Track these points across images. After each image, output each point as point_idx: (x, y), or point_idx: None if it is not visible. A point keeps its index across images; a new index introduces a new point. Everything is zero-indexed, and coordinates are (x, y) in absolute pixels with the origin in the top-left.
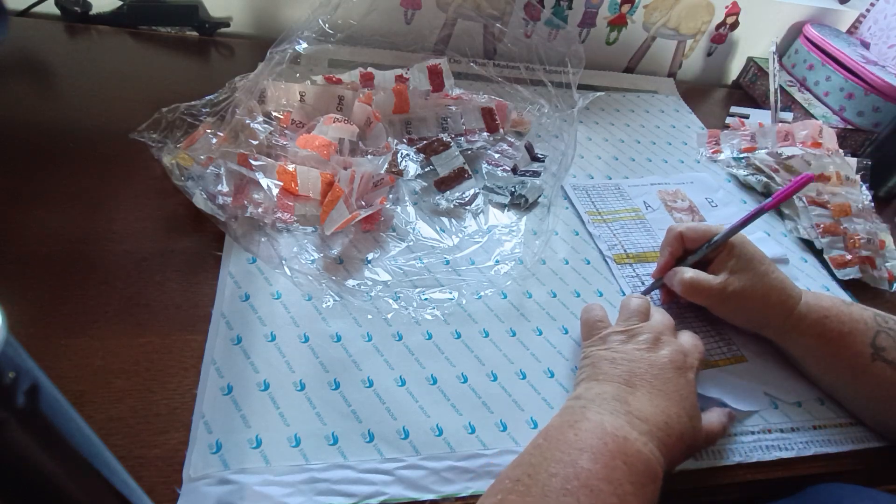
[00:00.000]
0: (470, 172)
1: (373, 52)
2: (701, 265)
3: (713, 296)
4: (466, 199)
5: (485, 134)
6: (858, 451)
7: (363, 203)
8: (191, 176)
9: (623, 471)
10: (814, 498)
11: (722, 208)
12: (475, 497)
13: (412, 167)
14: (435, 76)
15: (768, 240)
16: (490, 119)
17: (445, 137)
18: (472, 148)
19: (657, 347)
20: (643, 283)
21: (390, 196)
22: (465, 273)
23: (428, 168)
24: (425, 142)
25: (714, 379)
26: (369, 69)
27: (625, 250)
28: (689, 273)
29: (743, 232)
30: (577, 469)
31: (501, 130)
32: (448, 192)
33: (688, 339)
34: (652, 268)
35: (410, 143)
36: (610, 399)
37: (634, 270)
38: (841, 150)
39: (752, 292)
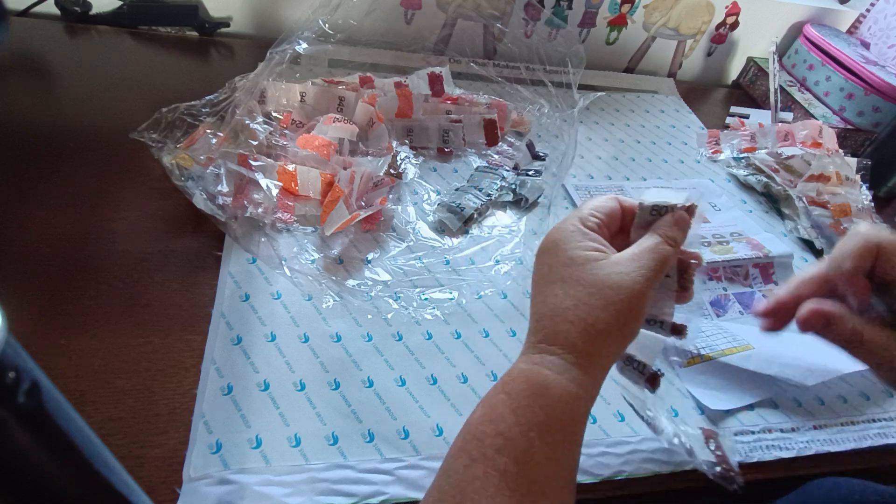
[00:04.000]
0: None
1: (373, 52)
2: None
3: None
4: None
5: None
6: (858, 450)
7: (363, 203)
8: (191, 176)
9: (504, 401)
10: (816, 488)
11: (725, 212)
12: None
13: (411, 169)
14: (435, 82)
15: (772, 237)
16: (491, 131)
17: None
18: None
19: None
20: None
21: (390, 196)
22: (465, 273)
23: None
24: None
25: (722, 367)
26: (368, 73)
27: None
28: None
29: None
30: (471, 422)
31: (501, 143)
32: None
33: None
34: None
35: (411, 149)
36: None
37: None
38: (841, 150)
39: None
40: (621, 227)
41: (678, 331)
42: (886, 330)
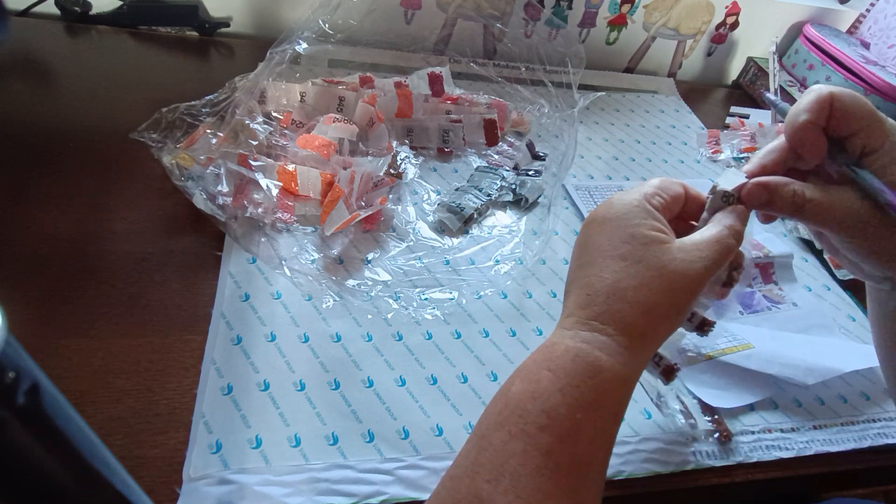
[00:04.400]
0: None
1: (373, 53)
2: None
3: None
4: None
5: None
6: (859, 450)
7: (363, 203)
8: (191, 176)
9: (550, 378)
10: None
11: None
12: None
13: (411, 169)
14: (435, 82)
15: (772, 237)
16: (491, 131)
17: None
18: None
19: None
20: None
21: (390, 196)
22: (465, 273)
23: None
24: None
25: (722, 367)
26: (368, 73)
27: None
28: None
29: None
30: (508, 396)
31: (501, 143)
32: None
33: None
34: None
35: (411, 149)
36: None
37: None
38: None
39: None
40: (679, 213)
41: (705, 326)
42: (832, 187)
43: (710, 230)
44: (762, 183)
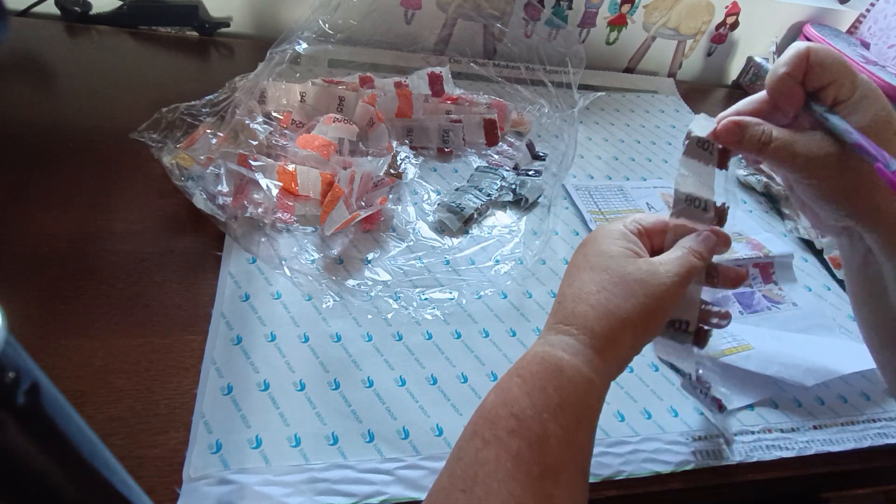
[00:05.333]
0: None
1: (373, 52)
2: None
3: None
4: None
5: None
6: (859, 450)
7: (363, 203)
8: (191, 176)
9: (518, 384)
10: None
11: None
12: None
13: (411, 169)
14: (435, 82)
15: (772, 237)
16: (491, 131)
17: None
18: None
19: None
20: None
21: (390, 196)
22: (465, 273)
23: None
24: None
25: (722, 368)
26: (368, 73)
27: None
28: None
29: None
30: (485, 406)
31: (501, 143)
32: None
33: None
34: None
35: (411, 149)
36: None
37: None
38: None
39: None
40: (662, 244)
41: (701, 337)
42: (799, 132)
43: (675, 251)
44: (736, 120)
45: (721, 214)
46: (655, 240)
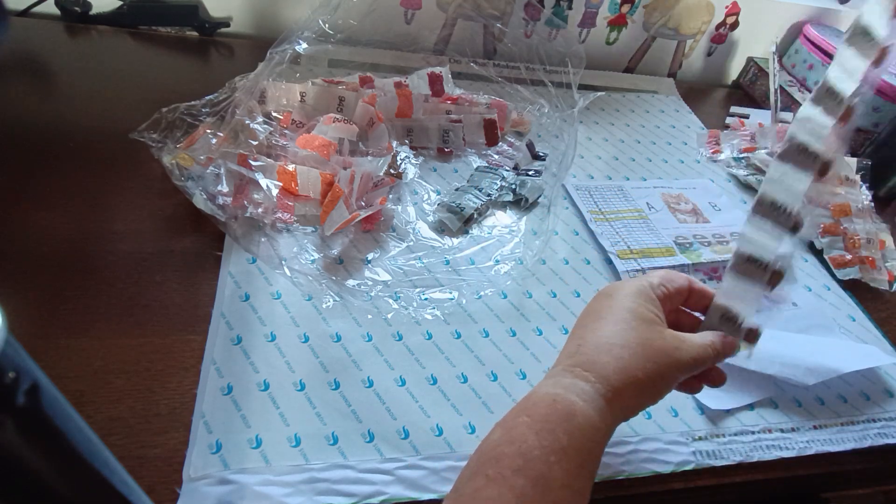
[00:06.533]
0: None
1: (373, 52)
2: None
3: None
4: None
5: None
6: (859, 450)
7: (363, 203)
8: (191, 176)
9: (526, 423)
10: None
11: (725, 213)
12: None
13: (411, 169)
14: (435, 82)
15: None
16: (491, 131)
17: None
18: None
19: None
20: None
21: (390, 196)
22: (465, 273)
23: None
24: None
25: (722, 367)
26: (368, 73)
27: (628, 247)
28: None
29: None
30: (488, 444)
31: (501, 143)
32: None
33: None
34: (656, 263)
35: (411, 149)
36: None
37: (639, 264)
38: None
39: None
40: (683, 304)
41: (752, 335)
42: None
43: (699, 337)
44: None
45: (751, 336)
46: (677, 300)
